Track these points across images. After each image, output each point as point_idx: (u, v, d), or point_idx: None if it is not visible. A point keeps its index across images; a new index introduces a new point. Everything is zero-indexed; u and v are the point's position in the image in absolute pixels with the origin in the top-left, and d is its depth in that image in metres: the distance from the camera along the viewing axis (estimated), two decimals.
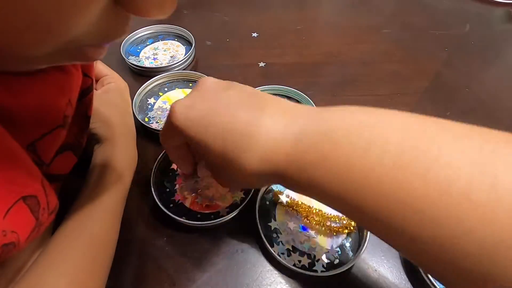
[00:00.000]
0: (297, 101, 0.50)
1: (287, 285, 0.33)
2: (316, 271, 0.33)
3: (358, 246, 0.35)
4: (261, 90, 0.49)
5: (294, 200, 0.38)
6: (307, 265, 0.34)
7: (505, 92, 0.55)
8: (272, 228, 0.36)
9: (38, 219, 0.21)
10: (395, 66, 0.59)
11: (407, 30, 0.68)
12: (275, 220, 0.37)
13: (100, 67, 0.43)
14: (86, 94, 0.30)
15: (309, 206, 0.37)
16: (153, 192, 0.36)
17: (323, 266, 0.33)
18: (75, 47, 0.17)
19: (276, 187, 0.39)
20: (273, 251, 0.33)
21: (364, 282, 0.33)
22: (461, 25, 0.69)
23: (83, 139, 0.32)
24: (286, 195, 0.38)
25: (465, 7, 0.75)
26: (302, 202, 0.38)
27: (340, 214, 0.37)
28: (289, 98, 0.50)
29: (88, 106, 0.32)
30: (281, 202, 0.38)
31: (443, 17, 0.71)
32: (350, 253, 0.35)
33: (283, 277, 0.33)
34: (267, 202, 0.38)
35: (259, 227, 0.34)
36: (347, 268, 0.32)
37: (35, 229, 0.21)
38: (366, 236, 0.34)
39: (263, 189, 0.38)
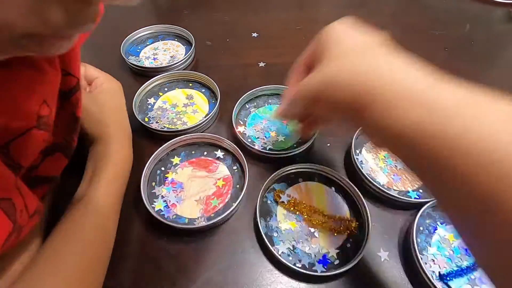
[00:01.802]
0: None
1: (287, 285, 0.33)
2: (316, 271, 0.33)
3: (358, 247, 0.35)
4: (261, 90, 0.50)
5: (295, 199, 0.38)
6: (307, 265, 0.34)
7: (505, 92, 0.55)
8: (273, 227, 0.36)
9: (16, 222, 0.20)
10: None
11: (407, 31, 0.67)
12: (276, 219, 0.37)
13: (91, 70, 0.43)
14: (72, 93, 0.30)
15: (310, 206, 0.37)
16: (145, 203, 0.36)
17: (323, 266, 0.33)
18: (33, 38, 0.15)
19: (277, 187, 0.39)
20: (273, 250, 0.33)
21: (363, 282, 0.33)
22: (461, 25, 0.69)
23: (73, 140, 0.32)
24: (288, 194, 0.38)
25: (465, 7, 0.75)
26: (303, 202, 0.38)
27: (342, 215, 0.37)
28: None
29: (75, 106, 0.31)
30: (282, 202, 0.38)
31: (443, 17, 0.71)
32: (351, 254, 0.35)
33: (283, 277, 0.33)
34: (268, 201, 0.38)
35: (260, 226, 0.34)
36: (347, 268, 0.32)
37: (13, 233, 0.20)
38: (367, 237, 0.34)
39: (263, 188, 0.38)
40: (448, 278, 0.33)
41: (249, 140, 0.44)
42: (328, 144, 0.45)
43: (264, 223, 0.36)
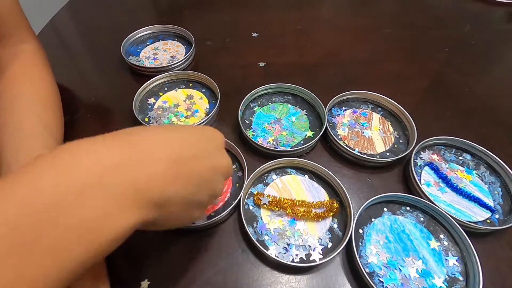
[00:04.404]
0: (302, 98, 0.50)
1: (287, 285, 0.33)
2: (314, 260, 0.33)
3: (345, 224, 0.36)
4: (263, 90, 0.50)
5: (275, 197, 0.38)
6: (304, 257, 0.34)
7: (505, 92, 0.55)
8: (262, 232, 0.36)
9: None
10: (395, 66, 0.59)
11: (407, 30, 0.67)
12: (262, 222, 0.37)
13: None
14: None
15: (291, 200, 0.38)
16: None
17: (319, 253, 0.34)
18: None
19: (255, 190, 0.39)
20: (269, 254, 0.33)
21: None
22: (461, 25, 0.69)
23: None
24: (267, 195, 0.38)
25: (465, 7, 0.75)
26: (284, 198, 0.38)
27: (322, 199, 0.38)
28: (293, 95, 0.51)
29: None
30: (264, 204, 0.37)
31: (443, 17, 0.71)
32: (340, 233, 0.36)
33: (283, 277, 0.33)
34: (250, 207, 0.38)
35: (249, 233, 0.34)
36: (341, 248, 0.33)
37: None
38: (350, 213, 0.35)
39: (242, 195, 0.37)
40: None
41: (259, 139, 0.44)
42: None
43: (253, 228, 0.36)
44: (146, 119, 0.47)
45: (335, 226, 0.36)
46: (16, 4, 0.41)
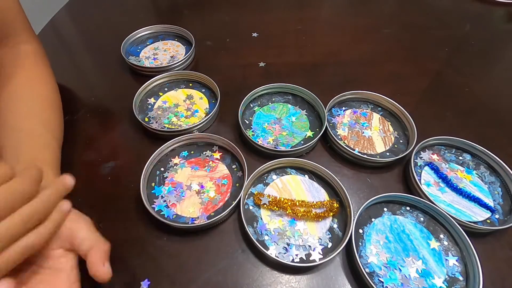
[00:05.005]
0: (302, 98, 0.50)
1: (287, 285, 0.33)
2: (314, 260, 0.33)
3: (345, 224, 0.36)
4: (263, 90, 0.50)
5: (275, 197, 0.38)
6: (304, 257, 0.34)
7: (505, 92, 0.55)
8: (262, 232, 0.36)
9: None
10: (395, 66, 0.59)
11: (407, 30, 0.67)
12: (262, 222, 0.37)
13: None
14: None
15: (291, 200, 0.38)
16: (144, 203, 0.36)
17: (319, 253, 0.34)
18: None
19: (255, 190, 0.39)
20: (269, 254, 0.33)
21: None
22: (461, 25, 0.69)
23: None
24: (267, 195, 0.38)
25: (465, 7, 0.75)
26: (284, 198, 0.38)
27: (322, 199, 0.38)
28: (293, 95, 0.51)
29: None
30: (264, 204, 0.37)
31: (443, 17, 0.71)
32: (340, 233, 0.35)
33: (283, 277, 0.33)
34: (250, 207, 0.38)
35: (249, 233, 0.34)
36: (341, 248, 0.33)
37: None
38: (350, 213, 0.35)
39: (242, 195, 0.37)
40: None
41: (259, 139, 0.44)
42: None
43: (253, 228, 0.36)
44: (146, 119, 0.47)
45: (335, 226, 0.36)
46: (17, 5, 0.41)
